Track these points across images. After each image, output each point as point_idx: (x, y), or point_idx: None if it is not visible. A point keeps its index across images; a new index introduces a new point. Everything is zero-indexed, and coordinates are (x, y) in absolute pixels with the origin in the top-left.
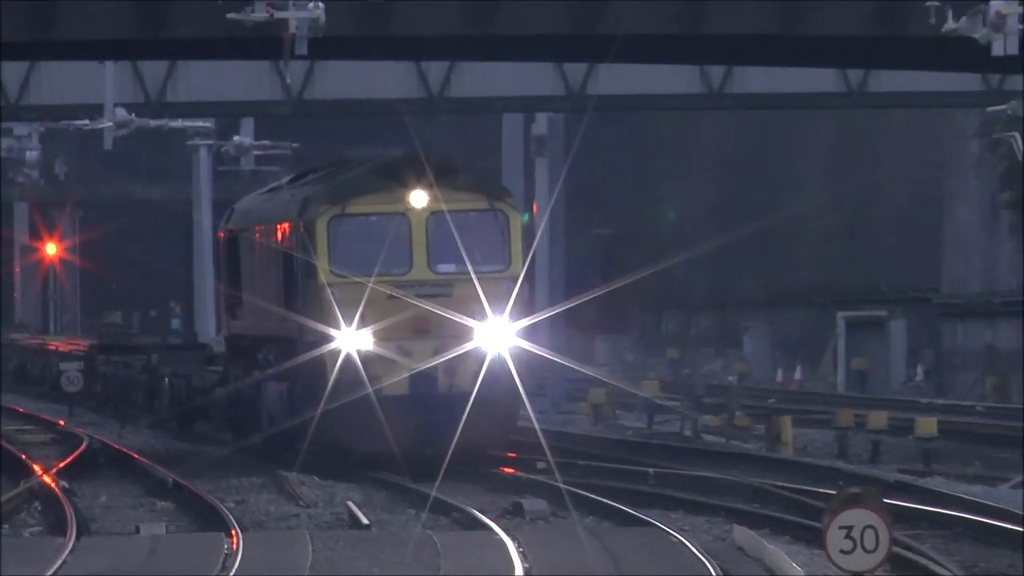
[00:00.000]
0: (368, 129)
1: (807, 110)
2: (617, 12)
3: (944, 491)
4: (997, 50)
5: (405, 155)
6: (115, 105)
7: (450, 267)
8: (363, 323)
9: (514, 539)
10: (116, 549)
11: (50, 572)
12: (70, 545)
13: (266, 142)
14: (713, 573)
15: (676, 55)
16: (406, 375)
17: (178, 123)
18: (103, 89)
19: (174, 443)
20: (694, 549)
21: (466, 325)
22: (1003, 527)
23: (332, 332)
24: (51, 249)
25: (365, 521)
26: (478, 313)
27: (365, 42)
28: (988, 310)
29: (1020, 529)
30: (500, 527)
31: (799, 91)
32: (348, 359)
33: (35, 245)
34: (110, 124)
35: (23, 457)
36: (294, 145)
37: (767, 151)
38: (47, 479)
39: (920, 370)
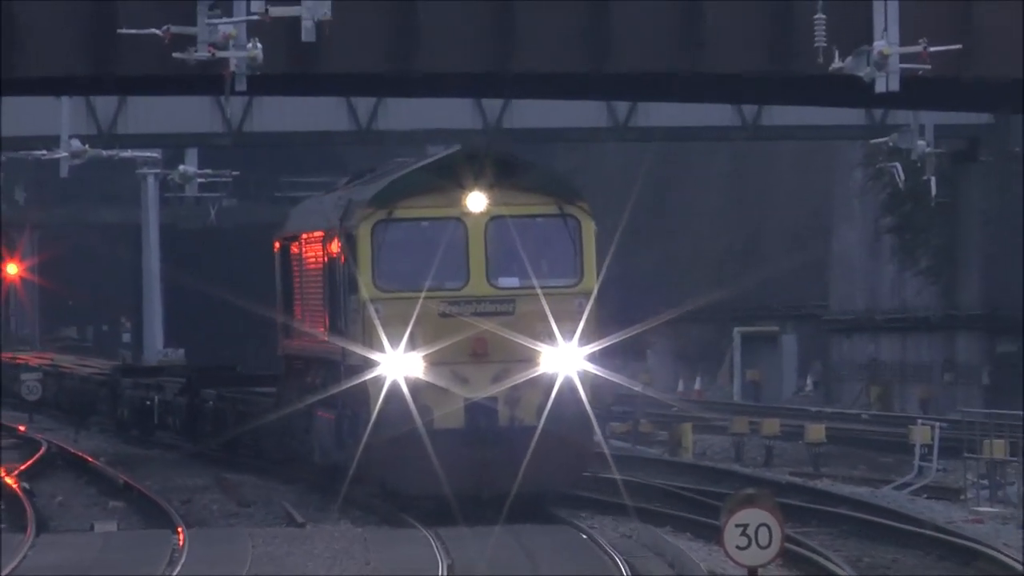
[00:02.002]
0: (302, 159)
1: (704, 143)
2: (530, 51)
3: (832, 492)
4: (880, 87)
5: (462, 151)
6: (70, 137)
7: (512, 281)
8: (412, 345)
9: (437, 536)
10: (72, 545)
11: (12, 566)
12: (30, 541)
13: (208, 171)
14: (620, 567)
15: (584, 91)
16: (461, 405)
17: (128, 153)
18: (59, 122)
19: (124, 447)
20: (603, 545)
21: (531, 348)
22: (886, 524)
23: (376, 356)
24: (12, 269)
25: (300, 520)
26: (545, 334)
27: (299, 79)
28: (871, 326)
29: (902, 526)
30: (424, 525)
31: (698, 124)
32: (394, 387)
33: None
34: (66, 154)
35: None
36: (234, 173)
37: (669, 179)
38: (9, 480)
39: (809, 381)
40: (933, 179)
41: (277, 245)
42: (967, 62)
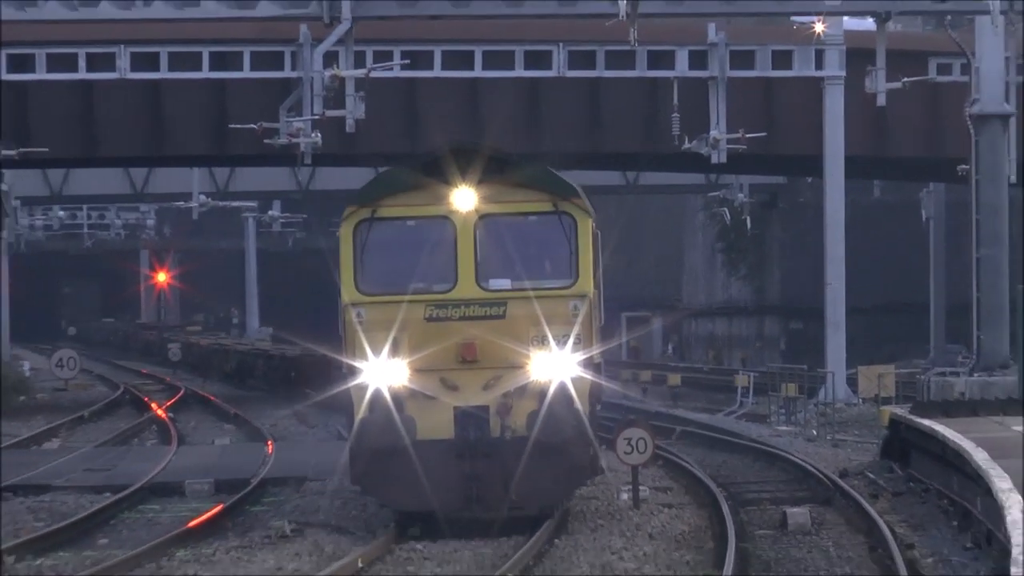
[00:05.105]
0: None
1: (603, 195)
2: (488, 138)
3: (685, 417)
4: (714, 160)
5: (450, 146)
6: (199, 193)
7: (504, 283)
8: (396, 351)
9: None
10: (201, 453)
11: (162, 466)
12: (174, 450)
13: (287, 214)
14: None
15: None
16: (450, 415)
17: (235, 204)
18: (192, 183)
19: (235, 391)
20: None
21: (523, 353)
22: (720, 437)
23: (358, 363)
24: (161, 277)
25: (344, 435)
26: (538, 339)
27: (344, 156)
28: (709, 312)
29: (730, 439)
30: None
31: (598, 184)
32: (377, 395)
33: (151, 275)
34: (196, 204)
35: (145, 399)
36: (303, 216)
37: None
38: (160, 412)
39: (670, 347)
40: (748, 219)
41: None
42: (769, 144)
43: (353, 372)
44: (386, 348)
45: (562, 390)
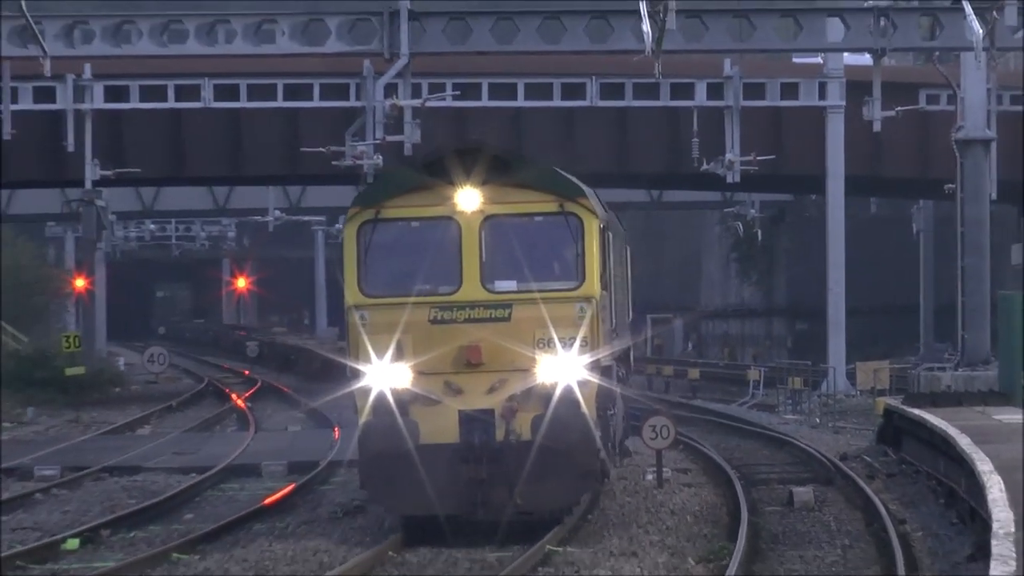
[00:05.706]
0: None
1: (631, 211)
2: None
3: (703, 407)
4: (729, 179)
5: (454, 146)
6: (274, 208)
7: (509, 284)
8: (400, 354)
9: None
10: (275, 438)
11: (241, 449)
12: (251, 435)
13: None
14: None
15: None
16: (454, 419)
17: (306, 218)
18: (268, 199)
19: (305, 384)
20: None
21: (529, 356)
22: (734, 425)
23: (362, 365)
24: (241, 283)
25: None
26: (544, 342)
27: None
28: (724, 314)
29: (743, 426)
30: None
31: (625, 200)
32: (380, 398)
33: (232, 281)
34: (271, 218)
35: (226, 391)
36: None
37: None
38: (240, 402)
39: (690, 345)
40: (759, 231)
41: None
42: (778, 165)
43: (356, 375)
44: (390, 351)
45: (568, 394)
